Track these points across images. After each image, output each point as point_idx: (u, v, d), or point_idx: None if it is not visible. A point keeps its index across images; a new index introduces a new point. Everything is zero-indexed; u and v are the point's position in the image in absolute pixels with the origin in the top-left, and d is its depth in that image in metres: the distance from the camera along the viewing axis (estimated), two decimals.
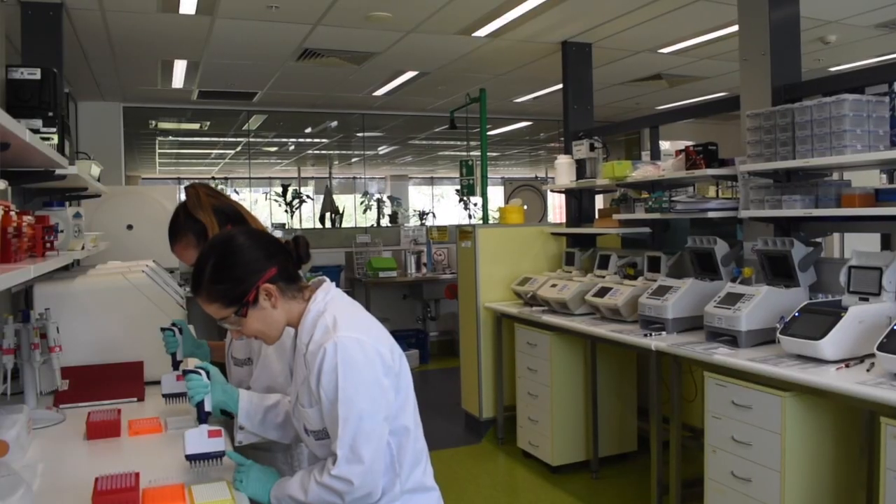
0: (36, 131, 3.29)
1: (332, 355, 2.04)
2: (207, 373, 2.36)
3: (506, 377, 6.93)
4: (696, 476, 4.41)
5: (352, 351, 2.06)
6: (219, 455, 2.29)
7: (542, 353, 6.06)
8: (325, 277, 2.28)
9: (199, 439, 2.28)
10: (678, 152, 5.54)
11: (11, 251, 2.31)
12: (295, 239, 2.24)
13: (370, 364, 2.08)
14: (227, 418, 2.62)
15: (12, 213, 2.34)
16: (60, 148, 3.46)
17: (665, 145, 9.55)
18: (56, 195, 4.53)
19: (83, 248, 3.67)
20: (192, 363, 2.56)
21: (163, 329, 3.07)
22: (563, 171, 7.11)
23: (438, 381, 9.51)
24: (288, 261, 2.20)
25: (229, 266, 2.12)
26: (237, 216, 2.88)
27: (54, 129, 3.43)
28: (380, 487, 2.09)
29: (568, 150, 7.32)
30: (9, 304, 3.90)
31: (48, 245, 2.94)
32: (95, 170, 4.79)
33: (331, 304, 2.20)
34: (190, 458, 2.27)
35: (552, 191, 7.69)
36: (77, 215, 3.73)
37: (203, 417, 2.32)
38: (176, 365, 3.04)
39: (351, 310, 2.22)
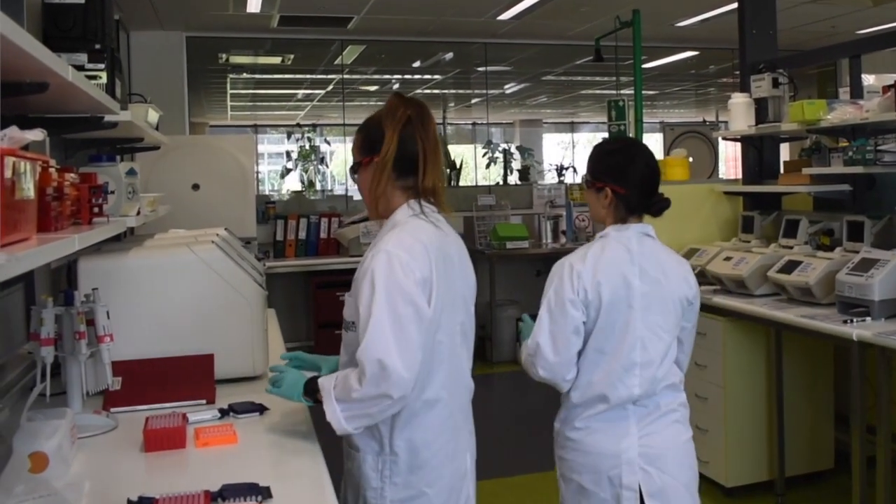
0: (80, 68, 3.34)
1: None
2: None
3: None
4: None
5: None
6: None
7: (712, 345, 6.00)
8: None
9: None
10: (886, 88, 5.41)
11: (51, 217, 2.34)
12: (661, 200, 3.58)
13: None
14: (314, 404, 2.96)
15: (52, 170, 2.37)
16: (110, 89, 3.52)
17: (869, 80, 9.27)
18: (105, 147, 4.61)
19: (139, 213, 3.73)
20: None
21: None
22: (739, 113, 6.96)
23: None
24: (643, 201, 3.54)
25: (604, 155, 3.62)
26: (409, 164, 2.94)
27: (102, 66, 3.48)
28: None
29: (745, 87, 7.15)
30: (48, 284, 3.99)
31: (96, 210, 2.98)
32: (153, 115, 4.87)
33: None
34: None
35: (725, 139, 7.59)
36: (131, 172, 3.79)
37: None
38: None
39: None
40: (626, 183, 3.46)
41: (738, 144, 7.46)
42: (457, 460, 2.93)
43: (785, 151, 7.65)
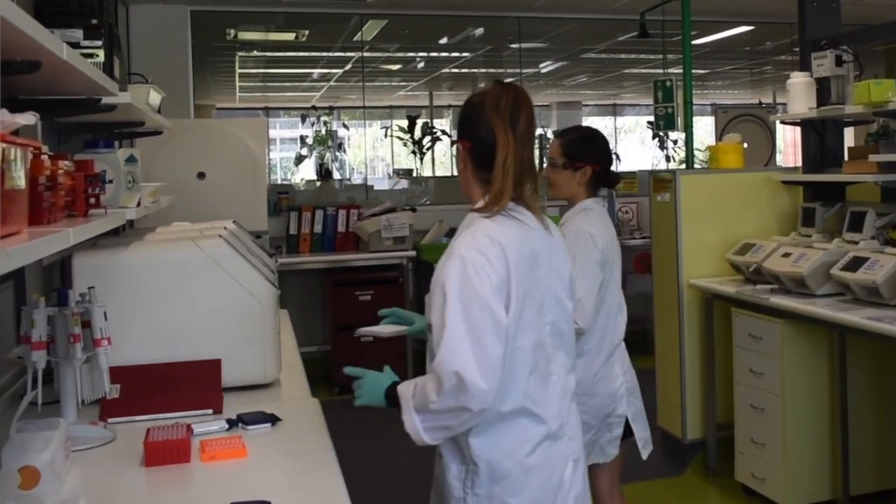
0: (75, 45, 3.36)
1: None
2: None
3: (719, 383, 6.83)
4: None
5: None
6: None
7: (770, 350, 5.97)
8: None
9: None
10: None
11: (44, 209, 2.35)
12: (616, 174, 4.95)
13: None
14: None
15: (45, 158, 2.37)
16: (108, 68, 3.53)
17: None
18: (103, 132, 4.64)
19: (139, 204, 3.73)
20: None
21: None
22: (799, 94, 6.94)
23: None
24: (607, 176, 4.69)
25: (581, 139, 4.64)
26: (489, 158, 3.04)
27: (100, 43, 3.49)
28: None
29: (805, 66, 7.13)
30: (40, 282, 4.01)
31: (92, 200, 2.99)
32: (155, 97, 4.89)
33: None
34: None
35: (783, 122, 7.56)
36: (131, 159, 3.79)
37: None
38: None
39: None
40: (597, 161, 4.57)
41: (798, 129, 7.42)
42: (548, 470, 3.00)
43: (849, 136, 7.61)
